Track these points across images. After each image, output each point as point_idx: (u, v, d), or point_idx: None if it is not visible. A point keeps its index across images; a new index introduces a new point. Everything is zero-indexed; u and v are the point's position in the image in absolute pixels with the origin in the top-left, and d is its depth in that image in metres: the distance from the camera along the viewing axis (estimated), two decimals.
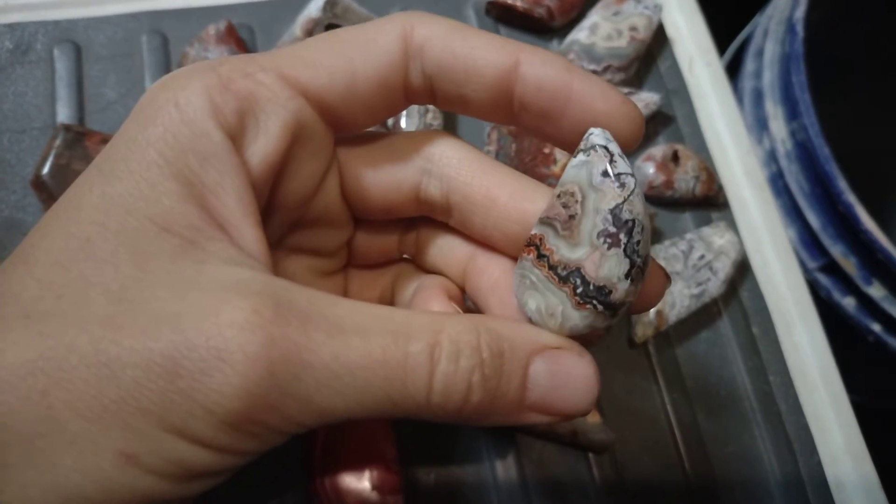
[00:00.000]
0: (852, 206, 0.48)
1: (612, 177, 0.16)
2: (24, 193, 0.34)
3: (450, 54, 0.18)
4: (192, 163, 0.16)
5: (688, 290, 0.34)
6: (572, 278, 0.16)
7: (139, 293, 0.15)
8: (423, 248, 0.22)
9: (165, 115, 0.16)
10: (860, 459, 0.34)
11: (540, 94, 0.18)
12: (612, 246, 0.16)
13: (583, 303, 0.16)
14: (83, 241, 0.15)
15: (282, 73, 0.17)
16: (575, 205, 0.16)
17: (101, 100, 0.36)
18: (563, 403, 0.17)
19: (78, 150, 0.33)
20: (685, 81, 0.41)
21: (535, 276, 0.17)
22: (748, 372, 0.34)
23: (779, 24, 0.56)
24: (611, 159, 0.16)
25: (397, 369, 0.15)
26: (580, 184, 0.16)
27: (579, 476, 0.31)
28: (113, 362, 0.14)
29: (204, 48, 0.36)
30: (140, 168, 0.16)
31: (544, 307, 0.17)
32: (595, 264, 0.16)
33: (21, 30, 0.37)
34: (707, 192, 0.37)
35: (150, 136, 0.16)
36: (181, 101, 0.16)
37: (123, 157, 0.16)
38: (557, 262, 0.17)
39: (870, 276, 0.51)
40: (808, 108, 0.50)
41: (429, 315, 0.17)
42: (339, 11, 0.36)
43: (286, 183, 0.18)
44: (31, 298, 0.15)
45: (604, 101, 0.18)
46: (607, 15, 0.39)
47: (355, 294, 0.23)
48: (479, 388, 0.16)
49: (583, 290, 0.16)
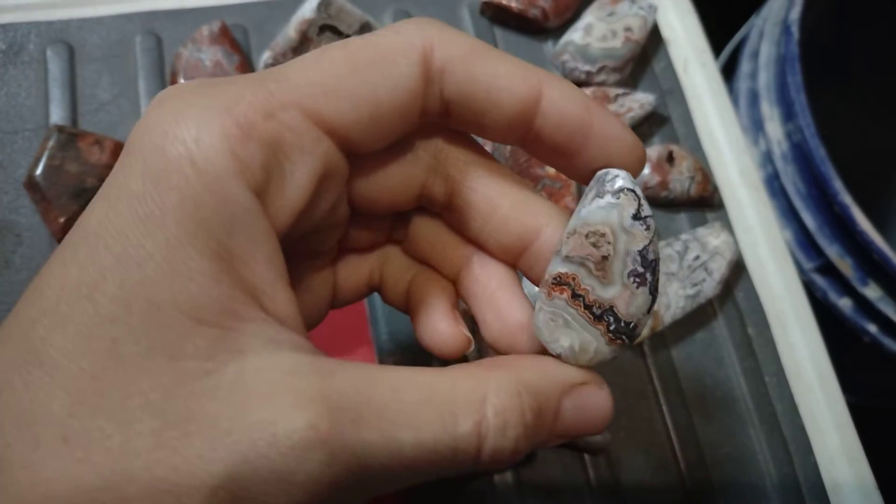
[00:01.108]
0: (848, 208, 0.48)
1: (641, 220, 0.17)
2: (17, 195, 0.33)
3: (471, 81, 0.17)
4: (218, 233, 0.15)
5: (683, 291, 0.34)
6: (606, 316, 0.18)
7: (182, 404, 0.14)
8: (417, 239, 0.22)
9: (181, 178, 0.14)
10: (856, 460, 0.33)
11: (558, 132, 0.18)
12: (640, 285, 0.17)
13: (614, 338, 0.18)
14: (109, 343, 0.14)
15: (305, 109, 0.16)
16: (607, 246, 0.17)
17: (94, 101, 0.36)
18: (583, 430, 0.19)
19: (71, 152, 0.33)
20: (680, 82, 0.41)
21: (569, 315, 0.18)
22: (744, 373, 0.34)
23: (774, 25, 0.56)
24: (639, 203, 0.17)
25: (448, 453, 0.16)
26: (612, 225, 0.17)
27: (575, 477, 0.31)
28: (174, 489, 0.13)
29: (198, 49, 0.36)
30: (160, 249, 0.14)
31: (578, 345, 0.18)
32: (626, 303, 0.17)
33: (14, 30, 0.37)
34: (702, 193, 0.37)
35: (166, 205, 0.14)
36: (199, 158, 0.14)
37: (136, 231, 0.14)
38: (593, 301, 0.18)
39: (866, 277, 0.51)
40: (804, 109, 0.50)
41: (469, 380, 0.17)
42: (333, 12, 0.36)
43: (304, 218, 0.17)
44: (65, 415, 0.13)
45: (618, 143, 0.18)
46: (602, 15, 0.39)
47: (344, 280, 0.22)
48: (523, 447, 0.17)
49: (615, 327, 0.18)
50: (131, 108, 0.36)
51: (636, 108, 0.38)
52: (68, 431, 0.13)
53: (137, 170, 0.15)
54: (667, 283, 0.34)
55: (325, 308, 0.22)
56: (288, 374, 0.15)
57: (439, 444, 0.16)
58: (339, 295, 0.22)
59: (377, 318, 0.33)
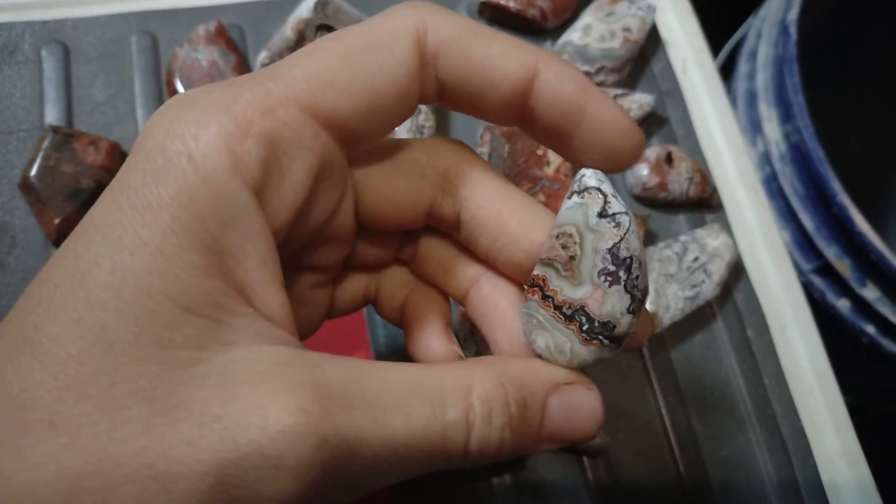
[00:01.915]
0: (846, 208, 0.48)
1: (608, 217, 0.17)
2: (12, 195, 0.33)
3: (466, 62, 0.17)
4: (211, 227, 0.15)
5: (682, 293, 0.34)
6: (577, 316, 0.17)
7: (171, 391, 0.14)
8: (425, 259, 0.22)
9: (179, 172, 0.15)
10: (855, 462, 0.33)
11: (552, 111, 0.18)
12: (612, 283, 0.17)
13: (589, 339, 0.17)
14: (98, 329, 0.14)
15: (302, 104, 0.16)
16: (574, 246, 0.17)
17: (89, 101, 0.36)
18: (574, 433, 0.18)
19: (66, 152, 0.32)
20: (679, 83, 0.41)
21: (541, 316, 0.18)
22: (743, 374, 0.34)
23: (772, 26, 0.56)
24: (605, 200, 0.17)
25: (437, 440, 0.16)
26: (577, 225, 0.17)
27: (573, 480, 0.31)
28: (161, 476, 0.13)
29: (194, 49, 0.35)
30: (154, 237, 0.14)
31: (553, 345, 0.18)
32: (598, 302, 0.17)
33: (8, 30, 0.36)
34: (701, 194, 0.37)
35: (163, 198, 0.14)
36: (196, 154, 0.15)
37: (132, 221, 0.14)
38: (562, 301, 0.17)
39: (864, 278, 0.51)
40: (802, 110, 0.50)
41: (455, 371, 0.17)
42: (330, 12, 0.36)
43: (303, 218, 0.17)
44: (51, 400, 0.13)
45: (613, 126, 0.18)
46: (601, 16, 0.39)
47: (341, 293, 0.22)
48: (509, 440, 0.17)
49: (588, 326, 0.17)
50: (127, 109, 0.36)
51: (635, 108, 0.38)
52: (55, 417, 0.13)
53: (139, 166, 0.15)
54: (665, 284, 0.34)
55: (321, 320, 0.22)
56: (277, 364, 0.15)
57: (429, 431, 0.16)
58: (336, 307, 0.22)
59: (374, 321, 0.33)
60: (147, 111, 0.36)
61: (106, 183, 0.33)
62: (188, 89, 0.33)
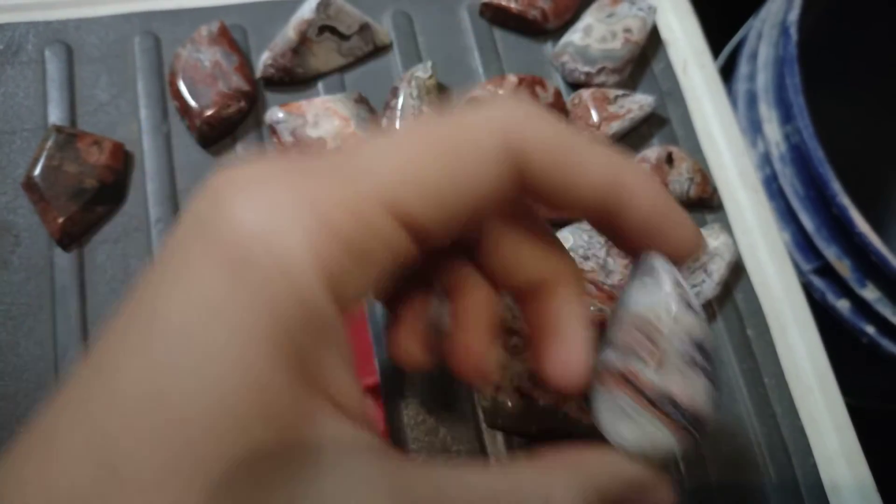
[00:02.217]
0: (846, 209, 0.48)
1: (691, 308, 0.17)
2: (15, 195, 0.33)
3: (553, 170, 0.17)
4: (305, 343, 0.14)
5: None
6: (664, 405, 0.18)
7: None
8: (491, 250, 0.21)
9: (272, 287, 0.14)
10: (855, 462, 0.33)
11: (634, 228, 0.18)
12: (699, 374, 0.17)
13: (678, 428, 0.18)
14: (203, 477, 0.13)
15: (387, 203, 0.15)
16: (658, 336, 0.17)
17: (92, 101, 0.36)
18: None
19: (69, 152, 0.33)
20: (679, 83, 0.41)
21: (626, 405, 0.18)
22: (743, 374, 0.34)
23: (772, 27, 0.56)
24: (684, 289, 0.18)
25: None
26: (658, 314, 0.18)
27: None
28: None
29: (196, 49, 0.36)
30: (248, 359, 0.13)
31: (642, 436, 0.18)
32: (687, 392, 0.17)
33: (12, 30, 0.37)
34: (701, 194, 0.37)
35: (259, 317, 0.14)
36: (291, 267, 0.14)
37: (218, 334, 0.14)
38: (651, 391, 0.18)
39: (864, 279, 0.51)
40: (802, 110, 0.50)
41: (534, 477, 0.17)
42: (333, 12, 0.36)
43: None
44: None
45: (684, 245, 0.19)
46: (601, 17, 0.39)
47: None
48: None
49: (676, 415, 0.18)
50: (130, 109, 0.36)
51: (635, 109, 0.38)
52: None
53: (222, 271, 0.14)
54: None
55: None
56: (365, 483, 0.14)
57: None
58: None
59: (380, 338, 0.33)
60: (150, 111, 0.36)
61: (109, 182, 0.33)
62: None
